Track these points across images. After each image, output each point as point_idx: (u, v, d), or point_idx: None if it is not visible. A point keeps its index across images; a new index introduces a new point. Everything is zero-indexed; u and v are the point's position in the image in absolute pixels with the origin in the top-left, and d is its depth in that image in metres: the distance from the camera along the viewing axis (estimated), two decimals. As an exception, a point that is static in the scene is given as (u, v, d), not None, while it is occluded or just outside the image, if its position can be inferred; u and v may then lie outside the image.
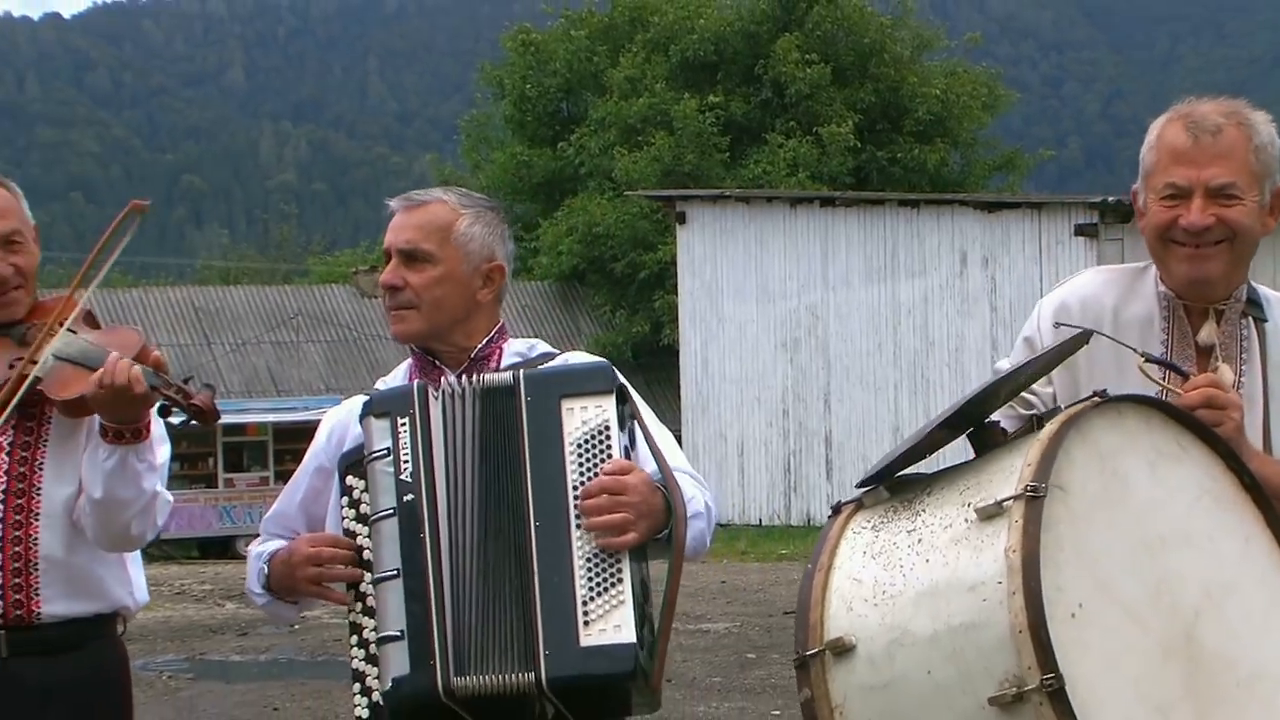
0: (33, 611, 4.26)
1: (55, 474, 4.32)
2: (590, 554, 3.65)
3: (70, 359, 4.26)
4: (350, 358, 48.36)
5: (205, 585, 28.44)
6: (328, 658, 17.53)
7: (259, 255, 79.35)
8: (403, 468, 3.80)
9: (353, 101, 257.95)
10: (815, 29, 50.10)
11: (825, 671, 3.23)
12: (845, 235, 37.87)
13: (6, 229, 4.37)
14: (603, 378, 3.79)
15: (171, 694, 15.43)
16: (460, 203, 4.17)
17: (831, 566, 3.33)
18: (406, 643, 3.72)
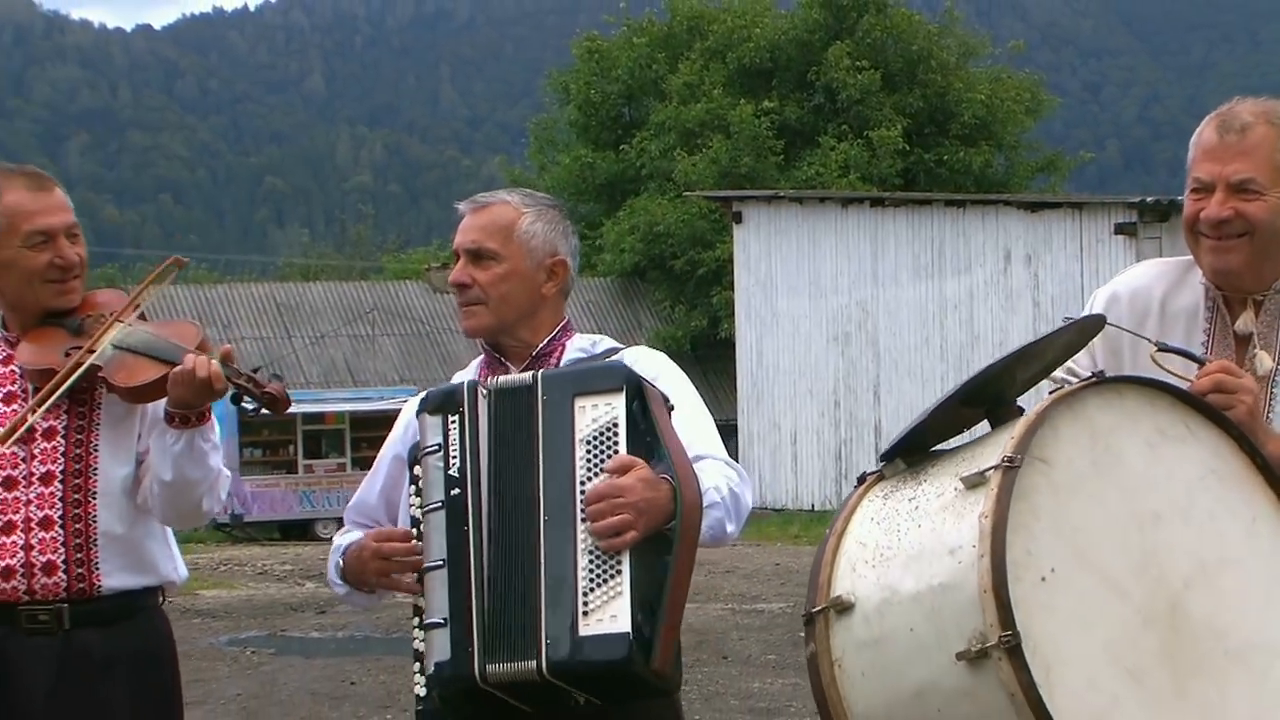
0: (94, 585, 4.29)
1: (110, 455, 4.34)
2: (592, 547, 3.64)
3: (132, 348, 4.29)
4: (423, 350, 48.44)
5: (286, 566, 28.55)
6: (401, 635, 17.54)
7: (337, 253, 79.57)
8: (451, 463, 3.82)
9: (425, 107, 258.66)
10: (865, 37, 50.08)
11: (828, 628, 3.31)
12: (894, 234, 37.84)
13: (68, 221, 4.39)
14: (614, 376, 3.77)
15: (254, 668, 15.47)
16: (522, 202, 4.19)
17: (844, 532, 3.41)
18: (449, 629, 3.74)
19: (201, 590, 23.41)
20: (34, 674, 4.23)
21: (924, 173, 49.35)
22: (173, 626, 14.41)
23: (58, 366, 4.28)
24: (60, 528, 4.28)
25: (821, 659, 3.29)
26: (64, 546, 4.27)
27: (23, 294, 4.39)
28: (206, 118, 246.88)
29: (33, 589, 4.25)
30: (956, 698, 3.12)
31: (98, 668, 4.27)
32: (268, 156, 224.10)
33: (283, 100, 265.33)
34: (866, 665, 3.25)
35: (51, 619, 4.26)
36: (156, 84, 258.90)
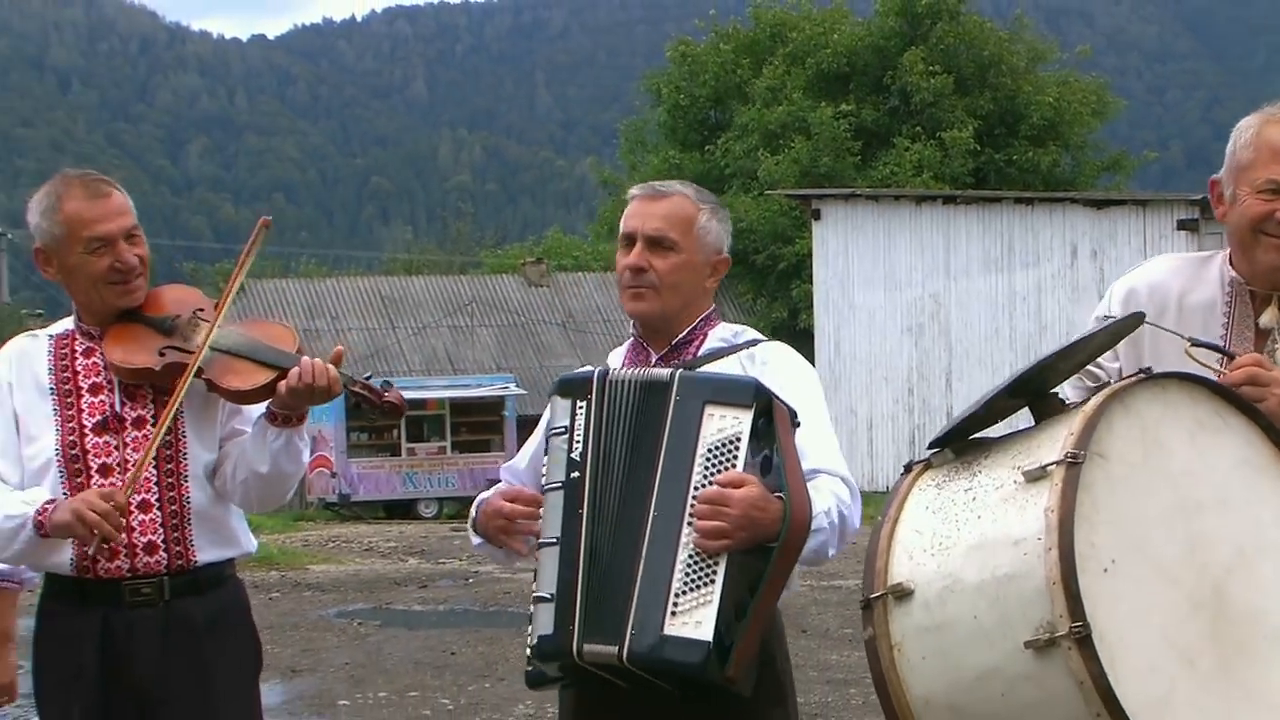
0: (190, 560, 4.34)
1: (197, 440, 4.38)
2: (693, 552, 3.61)
3: (233, 351, 4.31)
4: (518, 340, 48.55)
5: (391, 543, 28.66)
6: (498, 609, 17.59)
7: (438, 249, 79.66)
8: (574, 446, 3.79)
9: (522, 111, 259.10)
10: (939, 43, 49.91)
11: (887, 613, 3.30)
12: (965, 230, 37.70)
13: (129, 224, 4.39)
14: (747, 392, 3.71)
15: (361, 639, 15.53)
16: (699, 198, 4.19)
17: (898, 519, 3.40)
18: (554, 605, 3.72)
19: (312, 565, 23.53)
20: (141, 642, 4.28)
21: (994, 172, 49.15)
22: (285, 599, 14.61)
23: (154, 365, 4.30)
24: (158, 509, 4.32)
25: (880, 643, 3.30)
26: (162, 527, 4.31)
27: (90, 296, 4.42)
28: (317, 122, 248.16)
29: (135, 567, 4.29)
30: (1020, 682, 3.11)
31: (196, 632, 4.32)
32: (373, 158, 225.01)
33: (388, 105, 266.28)
34: (927, 650, 3.25)
35: (154, 591, 4.31)
36: (270, 90, 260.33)
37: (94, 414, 4.37)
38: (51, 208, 4.38)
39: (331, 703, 11.93)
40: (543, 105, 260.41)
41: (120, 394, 4.38)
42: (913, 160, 47.27)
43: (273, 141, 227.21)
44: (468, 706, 11.71)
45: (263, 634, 4.77)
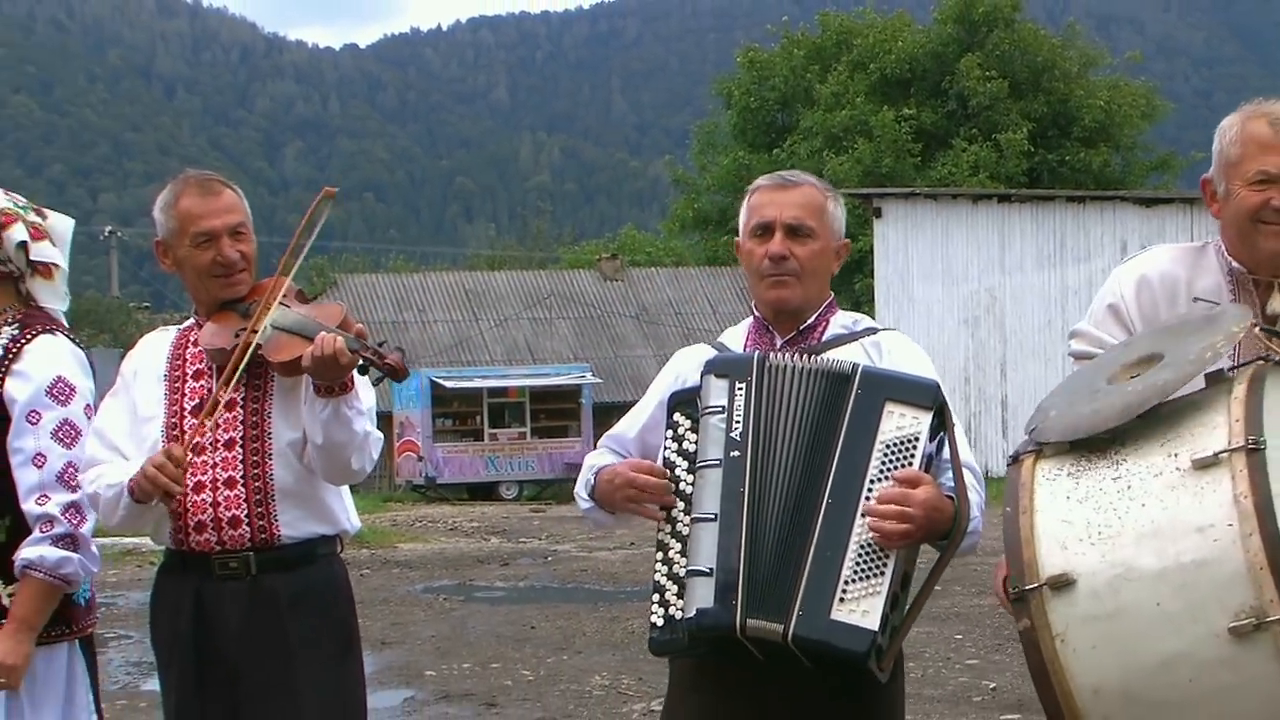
0: (275, 535, 4.35)
1: (282, 420, 4.39)
2: (865, 542, 3.55)
3: (286, 328, 4.34)
4: (594, 331, 48.59)
5: (474, 523, 28.73)
6: (575, 585, 17.60)
7: (518, 245, 79.89)
8: (734, 426, 3.71)
9: (598, 114, 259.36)
10: (995, 49, 49.75)
11: (1044, 604, 3.17)
12: (1020, 227, 37.59)
13: (234, 222, 4.45)
14: (928, 394, 3.67)
15: (446, 614, 15.56)
16: (824, 187, 4.17)
17: (1034, 509, 3.26)
18: (713, 580, 3.64)
19: (400, 544, 23.61)
20: (228, 613, 4.31)
21: (1047, 172, 48.96)
22: (375, 576, 14.64)
23: (228, 346, 4.36)
24: (242, 486, 4.34)
25: (1041, 633, 3.18)
26: (246, 502, 4.33)
27: (197, 286, 4.48)
28: (405, 125, 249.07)
29: (222, 540, 4.32)
30: (1214, 668, 3.02)
31: (282, 606, 4.33)
32: (458, 160, 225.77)
33: (471, 110, 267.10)
34: (1098, 638, 3.13)
35: (240, 565, 4.32)
36: (361, 96, 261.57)
37: (194, 397, 4.43)
38: (168, 204, 4.46)
39: (419, 673, 11.97)
40: (618, 109, 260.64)
41: (218, 378, 4.42)
42: (970, 161, 47.17)
43: (364, 144, 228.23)
44: (546, 678, 11.72)
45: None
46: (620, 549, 22.12)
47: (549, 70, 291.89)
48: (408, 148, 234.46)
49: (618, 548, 22.41)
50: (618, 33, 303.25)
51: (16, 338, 4.57)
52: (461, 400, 39.59)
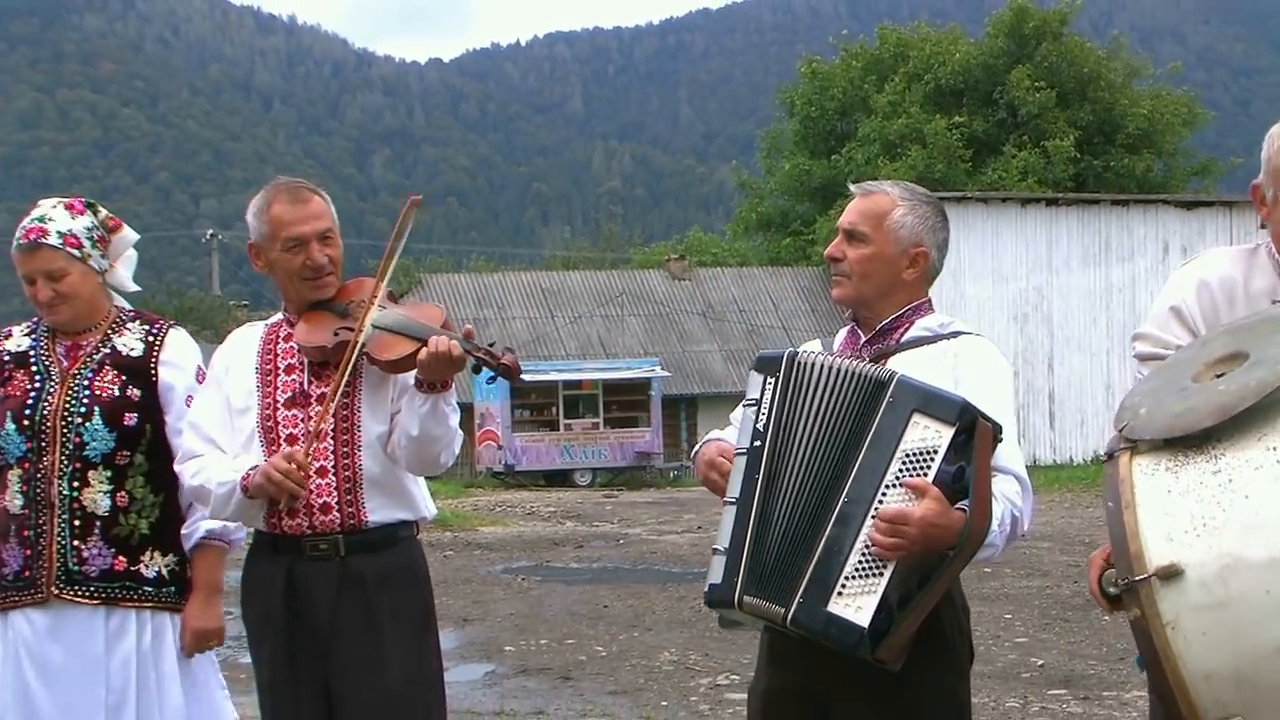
0: (362, 520, 4.37)
1: (370, 414, 4.41)
2: (869, 543, 3.54)
3: (388, 328, 4.34)
4: (663, 328, 48.57)
5: (550, 508, 28.77)
6: (646, 566, 17.60)
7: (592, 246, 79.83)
8: (760, 417, 3.75)
9: (667, 123, 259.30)
10: (1043, 61, 49.56)
11: (1154, 594, 3.13)
12: (1066, 229, 37.44)
13: (323, 227, 4.46)
14: (954, 409, 3.60)
15: (524, 593, 15.59)
16: (901, 195, 4.10)
17: (1135, 504, 3.23)
18: (725, 558, 3.70)
19: (481, 527, 23.68)
20: (319, 591, 4.33)
21: (1093, 177, 48.73)
22: (458, 557, 14.68)
23: (327, 343, 4.37)
24: (333, 475, 4.36)
25: (1152, 622, 3.14)
26: (336, 490, 4.35)
27: (287, 287, 4.49)
28: (485, 135, 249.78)
29: (313, 525, 4.34)
30: None
31: (369, 585, 4.35)
32: (535, 166, 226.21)
33: (548, 119, 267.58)
34: (1208, 625, 3.10)
35: (330, 547, 4.35)
36: (445, 107, 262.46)
37: (286, 391, 4.44)
38: (261, 209, 4.47)
39: (499, 649, 11.99)
40: (685, 118, 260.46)
41: (309, 373, 4.45)
42: (1018, 167, 47.01)
43: (446, 152, 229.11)
44: (618, 653, 11.72)
45: (437, 587, 4.78)
46: (688, 532, 22.11)
47: (620, 82, 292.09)
48: (488, 155, 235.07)
49: (685, 531, 22.40)
50: (685, 46, 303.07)
51: (152, 331, 4.73)
52: (538, 392, 39.66)
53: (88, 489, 4.55)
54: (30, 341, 4.74)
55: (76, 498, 4.55)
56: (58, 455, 4.56)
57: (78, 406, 4.58)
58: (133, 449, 4.59)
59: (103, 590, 4.53)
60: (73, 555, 4.53)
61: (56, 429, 4.57)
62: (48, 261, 4.60)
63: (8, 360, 4.71)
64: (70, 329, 4.69)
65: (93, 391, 4.60)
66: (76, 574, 4.52)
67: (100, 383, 4.61)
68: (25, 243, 4.61)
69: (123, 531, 4.57)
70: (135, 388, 4.63)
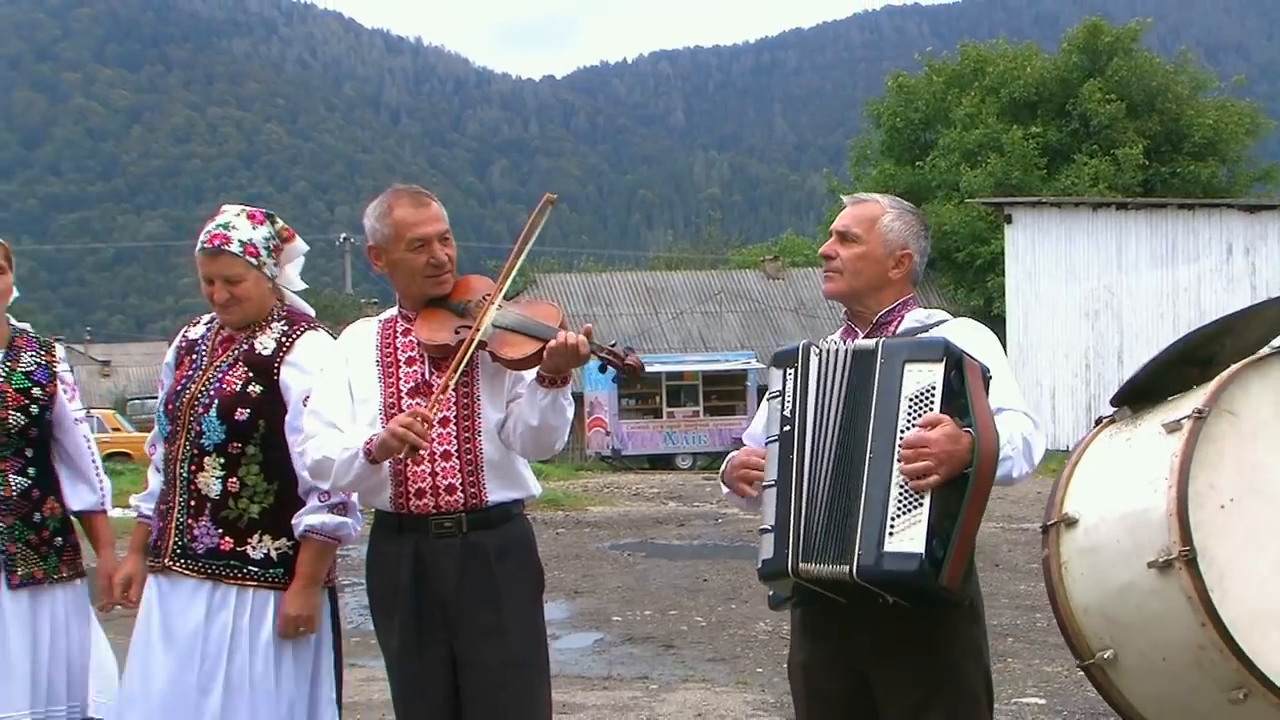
0: (482, 499, 4.40)
1: (489, 402, 4.43)
2: (903, 483, 3.60)
3: (508, 327, 4.36)
4: (759, 324, 48.52)
5: (654, 489, 28.83)
6: (742, 544, 17.61)
7: (692, 248, 79.73)
8: (786, 406, 3.82)
9: (762, 134, 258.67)
10: (1114, 75, 49.11)
11: (1058, 537, 3.43)
12: (1135, 231, 37.14)
13: (443, 228, 4.49)
14: (937, 349, 3.69)
15: (630, 567, 15.64)
16: (890, 204, 4.20)
17: (1078, 463, 3.52)
18: (773, 534, 3.75)
19: (590, 507, 23.76)
20: (445, 565, 4.37)
21: (1160, 183, 48.23)
22: (569, 534, 14.72)
23: (450, 342, 4.39)
24: (456, 458, 4.39)
25: (1052, 561, 3.42)
26: (460, 472, 4.38)
27: (409, 285, 4.51)
28: (595, 145, 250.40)
29: (439, 504, 4.37)
30: (1149, 596, 3.19)
31: (489, 558, 4.38)
32: (640, 175, 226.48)
33: (652, 131, 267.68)
34: (1086, 568, 3.35)
35: (454, 525, 4.38)
36: (557, 120, 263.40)
37: (409, 381, 4.47)
38: (383, 214, 4.49)
39: (606, 619, 12.04)
40: (779, 129, 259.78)
41: (429, 365, 4.47)
42: (1090, 173, 46.66)
43: (559, 162, 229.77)
44: (716, 624, 11.73)
45: (549, 562, 4.83)
46: (781, 512, 22.08)
47: (719, 96, 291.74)
48: (597, 164, 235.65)
49: (779, 511, 22.37)
50: (779, 63, 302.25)
51: (287, 333, 4.75)
52: (643, 383, 39.59)
53: (202, 473, 4.60)
54: (202, 332, 4.84)
55: (193, 480, 4.61)
56: (183, 440, 4.64)
57: (203, 398, 4.64)
58: (244, 441, 4.62)
59: (207, 566, 4.58)
60: (186, 532, 4.60)
61: (186, 417, 4.65)
62: (227, 267, 4.66)
63: (183, 348, 4.83)
64: (237, 328, 4.76)
65: (220, 385, 4.65)
66: (188, 549, 4.59)
67: (229, 377, 4.66)
68: (209, 247, 4.67)
69: (231, 514, 4.60)
70: (257, 384, 4.66)
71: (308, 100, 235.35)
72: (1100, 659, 3.37)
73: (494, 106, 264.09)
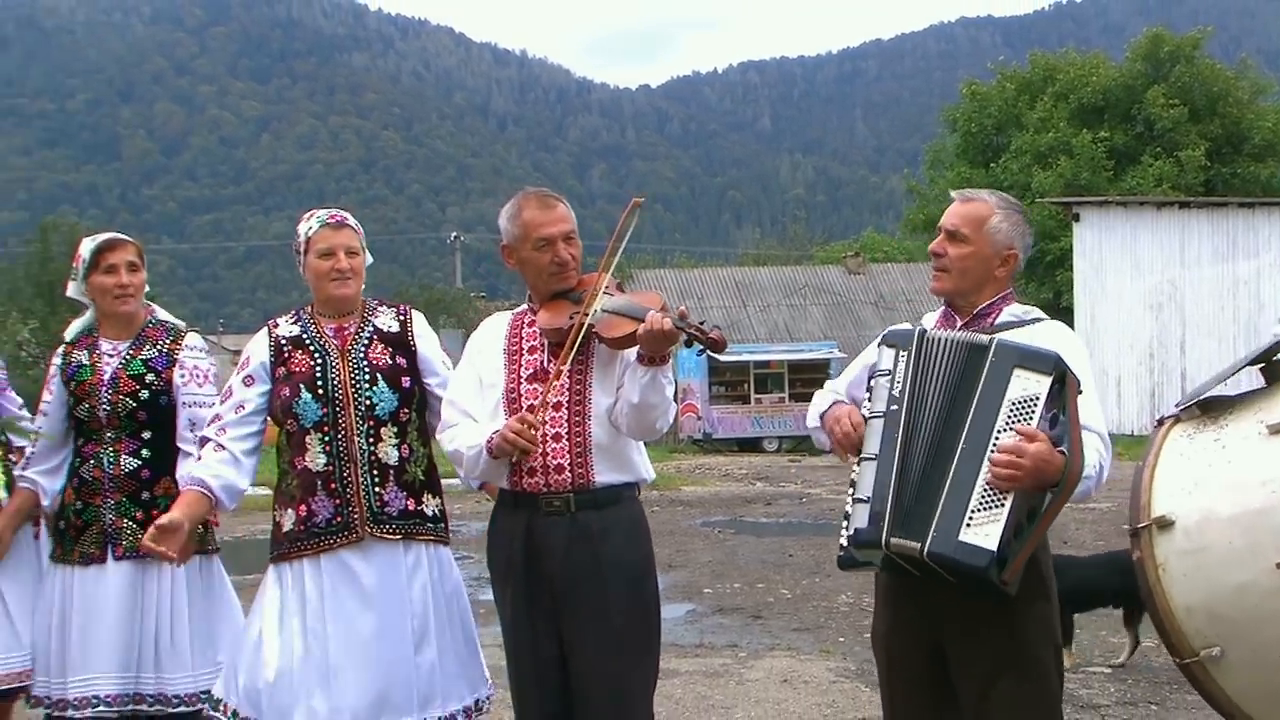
0: (590, 480, 4.38)
1: (599, 388, 4.43)
2: (990, 480, 3.56)
3: (615, 311, 4.36)
4: (840, 316, 48.30)
5: (742, 470, 28.80)
6: (825, 521, 17.56)
7: (779, 245, 79.44)
8: (895, 386, 3.78)
9: (844, 139, 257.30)
10: (1177, 81, 48.54)
11: (1151, 539, 3.29)
12: (1197, 229, 36.73)
13: (567, 229, 4.52)
14: (1048, 362, 3.63)
15: (720, 543, 15.64)
16: (997, 203, 4.11)
17: (1155, 464, 3.38)
18: (869, 506, 3.72)
19: (683, 486, 23.78)
20: (553, 542, 4.36)
21: (1221, 183, 47.61)
22: (663, 512, 14.72)
23: (563, 325, 4.41)
24: (566, 440, 4.38)
25: (1147, 563, 3.28)
26: (569, 453, 4.37)
27: (536, 280, 4.54)
28: (687, 150, 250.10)
29: (549, 483, 4.37)
30: (1272, 595, 3.06)
31: (595, 538, 4.36)
32: (730, 177, 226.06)
33: (741, 136, 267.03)
34: (1188, 568, 3.20)
35: (562, 504, 4.37)
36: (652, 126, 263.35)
37: (529, 368, 4.49)
38: (513, 215, 4.54)
39: (698, 591, 12.05)
40: (860, 134, 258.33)
41: (548, 353, 4.49)
42: (1154, 175, 46.19)
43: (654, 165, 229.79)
44: (801, 596, 11.71)
45: (644, 539, 4.79)
46: (861, 492, 21.98)
47: (804, 103, 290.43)
48: (689, 168, 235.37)
49: (859, 491, 22.28)
50: (860, 72, 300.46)
51: (397, 311, 4.87)
52: (732, 371, 39.69)
53: (380, 444, 4.66)
54: (299, 327, 4.82)
55: (373, 451, 4.65)
56: (352, 417, 4.66)
57: (362, 375, 4.68)
58: (409, 407, 4.72)
59: (402, 526, 4.65)
60: (376, 500, 4.64)
61: (348, 395, 4.67)
62: (350, 239, 4.76)
63: (285, 344, 4.79)
64: (343, 309, 4.80)
65: (370, 361, 4.70)
66: (381, 515, 4.63)
67: (374, 354, 4.72)
68: (333, 222, 4.77)
69: (409, 477, 4.69)
70: (400, 357, 4.75)
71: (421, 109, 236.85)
72: (1204, 656, 3.26)
73: (593, 114, 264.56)
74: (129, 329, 5.26)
